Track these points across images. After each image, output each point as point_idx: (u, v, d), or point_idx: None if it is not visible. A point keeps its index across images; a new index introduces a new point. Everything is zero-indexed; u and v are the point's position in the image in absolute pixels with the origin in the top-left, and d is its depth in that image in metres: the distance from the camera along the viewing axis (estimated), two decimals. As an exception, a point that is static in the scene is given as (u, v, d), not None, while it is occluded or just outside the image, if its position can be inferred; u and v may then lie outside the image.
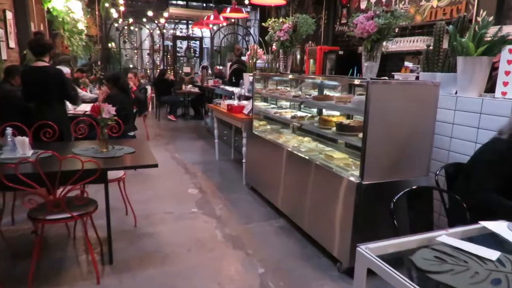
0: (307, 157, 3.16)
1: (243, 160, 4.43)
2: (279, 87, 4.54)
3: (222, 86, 7.14)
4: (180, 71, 11.62)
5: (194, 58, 12.11)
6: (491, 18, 4.95)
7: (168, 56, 12.71)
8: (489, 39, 2.53)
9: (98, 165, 2.24)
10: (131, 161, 2.58)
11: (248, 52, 5.11)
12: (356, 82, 2.59)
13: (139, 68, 13.98)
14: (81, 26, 5.37)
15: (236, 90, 5.15)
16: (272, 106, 4.40)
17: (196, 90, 9.05)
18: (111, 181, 3.08)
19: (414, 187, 1.83)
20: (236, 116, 4.40)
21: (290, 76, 3.85)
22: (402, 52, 6.45)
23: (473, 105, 2.61)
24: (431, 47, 3.16)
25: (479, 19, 5.15)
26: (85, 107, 4.78)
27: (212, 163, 5.45)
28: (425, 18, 6.06)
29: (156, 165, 2.44)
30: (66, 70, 5.68)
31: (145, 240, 3.05)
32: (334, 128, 3.01)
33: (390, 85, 2.43)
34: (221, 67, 9.07)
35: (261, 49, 4.99)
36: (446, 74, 2.94)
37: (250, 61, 5.09)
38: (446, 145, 2.81)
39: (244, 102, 4.72)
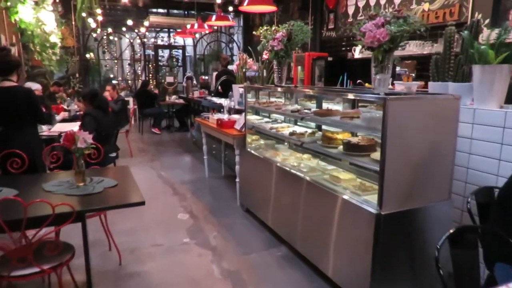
0: (309, 179, 2.86)
1: (237, 180, 4.09)
2: (272, 99, 4.24)
3: (209, 98, 6.79)
4: (163, 81, 11.20)
5: (177, 67, 11.71)
6: (487, 21, 4.78)
7: (150, 66, 12.29)
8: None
9: (72, 208, 1.87)
10: (113, 197, 2.22)
11: (237, 62, 4.79)
12: (371, 99, 2.30)
13: (120, 78, 13.51)
14: (54, 38, 4.95)
15: (225, 102, 4.82)
16: (266, 120, 4.09)
17: (181, 101, 8.67)
18: (90, 217, 2.70)
19: (458, 227, 1.54)
20: (227, 132, 4.07)
21: (286, 89, 3.55)
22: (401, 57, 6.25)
23: (494, 118, 2.36)
24: (439, 55, 2.91)
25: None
26: (62, 127, 4.36)
27: (202, 181, 5.09)
28: (417, 22, 5.86)
29: (142, 203, 2.08)
30: (36, 86, 5.24)
31: (131, 282, 2.68)
32: (340, 147, 2.72)
33: (409, 100, 2.15)
34: (206, 77, 8.73)
35: (251, 59, 4.68)
36: (460, 84, 2.69)
37: (240, 71, 4.78)
38: (464, 162, 2.55)
39: (235, 116, 4.39)
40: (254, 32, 3.67)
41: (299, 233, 2.97)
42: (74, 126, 4.15)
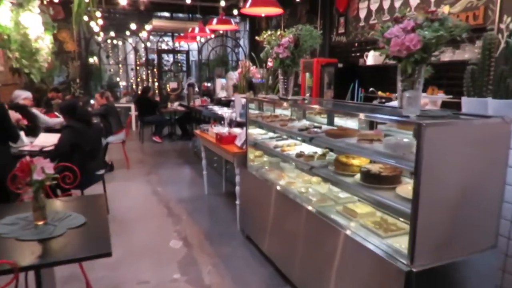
0: (317, 211, 2.41)
1: (237, 202, 3.65)
2: (277, 111, 3.80)
3: (210, 107, 6.37)
4: (167, 85, 10.83)
5: (182, 73, 11.35)
6: (517, 25, 4.30)
7: (155, 70, 11.95)
8: None
9: (14, 265, 1.44)
10: (74, 243, 1.78)
11: (239, 70, 4.37)
12: (400, 122, 1.83)
13: (124, 83, 13.19)
14: (42, 44, 4.58)
15: (226, 113, 4.39)
16: (270, 135, 3.64)
17: (183, 108, 8.27)
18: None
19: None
20: (227, 149, 3.64)
21: (293, 103, 3.10)
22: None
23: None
24: (475, 66, 2.45)
25: (502, 26, 4.51)
26: (46, 140, 3.95)
27: (201, 200, 4.66)
28: (435, 26, 5.39)
29: (108, 254, 1.64)
30: (25, 94, 4.88)
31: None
32: (357, 176, 2.26)
33: (450, 126, 1.69)
34: (209, 84, 8.31)
35: (254, 66, 4.26)
36: (503, 102, 2.22)
37: (242, 80, 4.35)
38: (510, 197, 2.08)
39: (236, 131, 3.95)
40: (256, 38, 3.22)
41: (308, 274, 2.51)
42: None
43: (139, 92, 9.09)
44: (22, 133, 3.90)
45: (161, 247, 3.38)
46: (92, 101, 6.36)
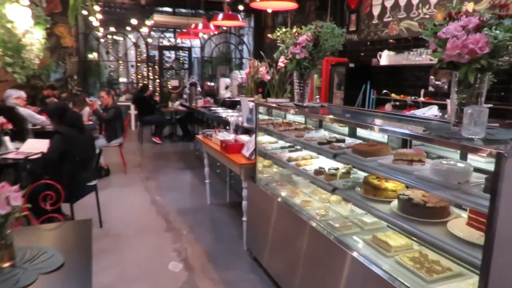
0: (343, 243, 2.04)
1: (244, 219, 3.28)
2: (289, 116, 3.43)
3: (213, 109, 5.97)
4: (168, 83, 10.43)
5: (183, 70, 10.95)
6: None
7: (156, 67, 11.55)
8: None
9: None
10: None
11: (247, 70, 3.98)
12: (480, 153, 1.41)
13: (125, 80, 12.81)
14: (32, 38, 4.21)
15: (231, 117, 4.01)
16: (281, 144, 3.24)
17: (184, 108, 7.88)
18: None
19: None
20: (233, 160, 3.26)
21: (311, 111, 2.71)
22: (428, 66, 5.40)
23: None
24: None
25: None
26: (32, 147, 3.55)
27: (203, 211, 4.29)
28: (457, 25, 4.99)
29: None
30: (18, 94, 4.52)
31: None
32: (393, 203, 1.88)
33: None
34: (212, 84, 7.92)
35: (264, 67, 3.87)
36: None
37: (250, 81, 3.97)
38: None
39: (243, 138, 3.57)
40: (269, 35, 2.83)
41: (328, 315, 2.14)
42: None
43: (138, 90, 8.69)
44: (7, 138, 3.53)
45: (159, 270, 3.01)
46: (91, 98, 5.92)
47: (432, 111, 3.04)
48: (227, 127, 4.13)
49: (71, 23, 8.06)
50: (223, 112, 5.38)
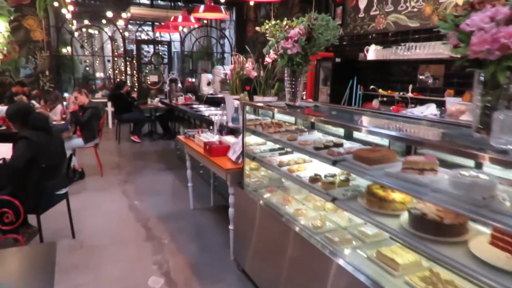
0: (341, 259, 1.83)
1: (230, 227, 3.03)
2: (278, 115, 3.18)
3: (195, 106, 5.66)
4: (147, 78, 10.00)
5: (163, 65, 10.53)
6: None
7: (134, 62, 11.08)
8: None
9: None
10: None
11: (231, 66, 3.71)
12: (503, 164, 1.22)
13: (102, 75, 12.27)
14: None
15: (215, 117, 3.73)
16: (270, 146, 3.00)
17: (165, 106, 7.53)
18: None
19: None
20: (218, 164, 3.00)
21: (303, 113, 2.48)
22: (416, 61, 5.27)
23: None
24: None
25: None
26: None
27: (186, 217, 4.01)
28: (447, 19, 4.86)
29: None
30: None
31: None
32: (403, 217, 1.68)
33: None
34: (193, 80, 7.58)
35: (251, 63, 3.61)
36: None
37: (234, 78, 3.70)
38: None
39: (228, 140, 3.31)
40: (257, 28, 2.55)
41: None
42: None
43: (114, 87, 8.26)
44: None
45: (138, 286, 2.73)
46: (67, 95, 5.46)
47: (430, 110, 2.88)
48: (211, 127, 3.86)
49: (40, 15, 7.53)
50: (205, 110, 5.08)
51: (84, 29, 11.40)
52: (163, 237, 3.50)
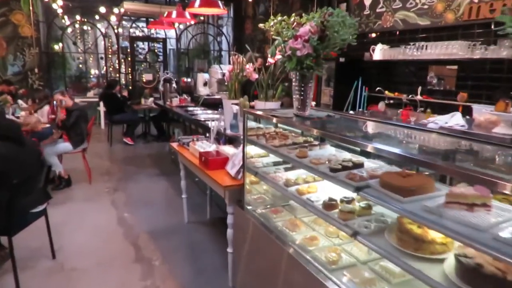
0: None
1: (229, 250, 2.69)
2: (281, 128, 2.83)
3: (191, 109, 5.29)
4: (142, 77, 9.59)
5: (158, 63, 10.14)
6: None
7: (129, 59, 10.67)
8: None
9: None
10: None
11: (229, 67, 3.36)
12: None
13: (97, 72, 11.85)
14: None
15: (212, 122, 3.37)
16: (273, 158, 2.64)
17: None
18: None
19: None
20: (215, 179, 2.64)
21: (313, 126, 2.13)
22: (426, 61, 4.94)
23: None
24: None
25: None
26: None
27: (180, 232, 3.66)
28: (461, 17, 4.54)
29: None
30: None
31: None
32: (447, 266, 1.34)
33: None
34: (189, 79, 7.20)
35: (251, 62, 3.25)
36: None
37: (233, 81, 3.35)
38: None
39: (227, 150, 2.96)
40: (261, 25, 2.18)
41: None
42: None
43: (105, 86, 7.87)
44: None
45: (123, 321, 2.39)
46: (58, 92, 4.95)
47: (456, 119, 2.55)
48: (207, 135, 3.51)
49: (24, 9, 7.13)
50: (202, 113, 4.71)
51: (77, 25, 10.97)
52: (153, 258, 3.15)
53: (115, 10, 9.01)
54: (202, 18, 10.44)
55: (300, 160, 1.99)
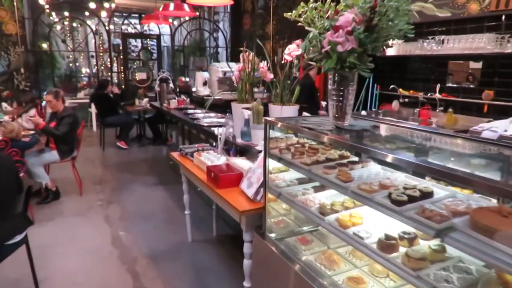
0: None
1: (246, 284, 2.25)
2: (303, 137, 2.39)
3: (191, 111, 4.81)
4: (136, 76, 9.07)
5: (152, 61, 9.63)
6: None
7: (121, 57, 10.14)
8: None
9: None
10: None
11: (239, 66, 2.91)
12: None
13: (88, 71, 11.32)
14: None
15: (219, 130, 2.92)
16: (297, 175, 2.20)
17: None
18: None
19: None
20: (228, 201, 2.20)
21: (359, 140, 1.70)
22: (446, 56, 4.54)
23: None
24: None
25: None
26: None
27: (183, 254, 3.22)
28: (487, 7, 4.14)
29: None
30: None
31: None
32: None
33: None
34: (187, 79, 6.72)
35: (265, 61, 2.81)
36: None
37: (244, 81, 2.90)
38: None
39: (239, 164, 2.51)
40: (287, 15, 1.70)
41: None
42: None
43: (96, 86, 7.35)
44: None
45: None
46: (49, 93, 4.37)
47: (516, 126, 2.15)
48: (214, 144, 3.06)
49: (5, 4, 6.60)
50: (204, 117, 4.25)
51: (66, 22, 10.43)
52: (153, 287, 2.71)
53: (106, 5, 8.49)
54: (197, 13, 9.94)
55: (346, 185, 1.56)
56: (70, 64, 10.96)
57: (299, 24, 1.84)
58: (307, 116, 2.35)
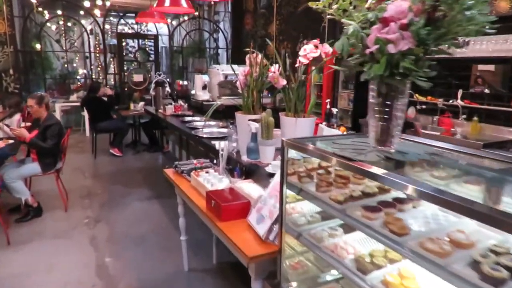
0: None
1: None
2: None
3: (189, 118, 4.33)
4: (133, 77, 8.61)
5: (149, 62, 9.18)
6: None
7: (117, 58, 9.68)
8: None
9: None
10: None
11: (245, 70, 2.46)
12: None
13: (85, 72, 10.85)
14: None
15: (220, 145, 2.47)
16: (317, 209, 1.75)
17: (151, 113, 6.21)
18: None
19: None
20: (234, 241, 1.75)
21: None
22: (470, 59, 4.10)
23: None
24: None
25: None
26: None
27: (178, 287, 2.77)
28: (518, 5, 3.71)
29: None
30: None
31: None
32: None
33: None
34: (185, 82, 6.25)
35: (277, 64, 2.36)
36: None
37: (251, 87, 2.46)
38: None
39: (246, 189, 2.06)
40: (311, 4, 1.24)
41: None
42: None
43: (88, 90, 6.89)
44: None
45: None
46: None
47: None
48: (214, 161, 2.61)
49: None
50: (203, 125, 3.79)
51: (61, 22, 9.97)
52: (143, 336, 2.26)
53: (99, 1, 8.04)
54: (197, 12, 9.50)
55: (402, 241, 1.11)
56: (66, 65, 10.52)
57: (329, 16, 1.39)
58: (335, 135, 1.91)
